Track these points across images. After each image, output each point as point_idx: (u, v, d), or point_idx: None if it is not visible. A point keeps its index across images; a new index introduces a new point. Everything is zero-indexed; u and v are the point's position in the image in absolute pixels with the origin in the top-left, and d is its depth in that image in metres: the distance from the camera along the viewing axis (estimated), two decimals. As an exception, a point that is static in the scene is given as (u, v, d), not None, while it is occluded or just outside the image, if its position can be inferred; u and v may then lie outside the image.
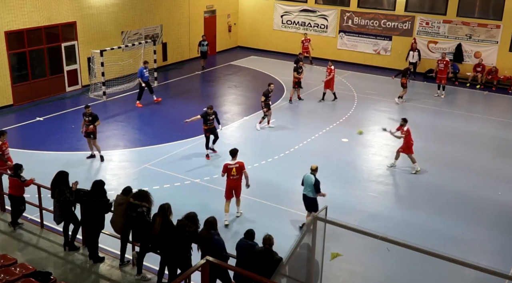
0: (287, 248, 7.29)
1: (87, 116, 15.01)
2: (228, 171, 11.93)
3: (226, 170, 11.95)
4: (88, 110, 15.04)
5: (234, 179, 11.99)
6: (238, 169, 11.92)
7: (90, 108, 15.15)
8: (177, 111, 20.81)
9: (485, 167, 15.81)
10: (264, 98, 17.90)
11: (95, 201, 9.20)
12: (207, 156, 15.72)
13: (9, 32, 19.16)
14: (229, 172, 11.93)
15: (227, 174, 11.99)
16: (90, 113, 15.03)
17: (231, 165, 11.93)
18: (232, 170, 11.90)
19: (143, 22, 24.60)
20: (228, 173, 11.96)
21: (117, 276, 9.26)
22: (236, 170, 11.90)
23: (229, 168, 11.91)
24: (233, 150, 12.15)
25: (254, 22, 30.37)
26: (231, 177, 11.97)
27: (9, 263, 8.31)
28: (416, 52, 25.29)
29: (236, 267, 7.90)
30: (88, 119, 14.97)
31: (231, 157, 12.08)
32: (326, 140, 17.49)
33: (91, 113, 15.04)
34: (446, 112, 20.71)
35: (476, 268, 6.26)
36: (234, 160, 12.02)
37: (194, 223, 8.34)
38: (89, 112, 15.04)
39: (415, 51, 25.28)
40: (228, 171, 11.94)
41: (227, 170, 11.94)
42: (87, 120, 14.99)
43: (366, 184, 14.66)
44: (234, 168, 11.90)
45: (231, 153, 12.11)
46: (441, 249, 7.11)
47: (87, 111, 15.04)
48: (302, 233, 7.34)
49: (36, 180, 10.71)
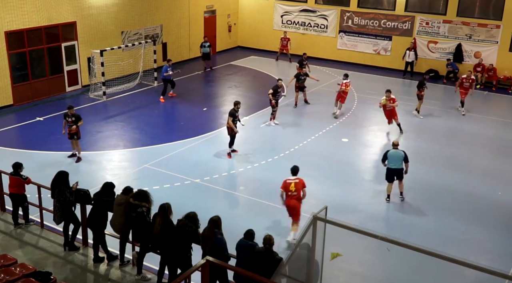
0: (286, 248, 7.29)
1: (69, 117, 14.84)
2: (287, 186, 11.39)
3: (284, 185, 11.43)
4: (71, 111, 14.87)
5: (292, 196, 11.36)
6: (297, 184, 11.35)
7: (73, 109, 15.00)
8: (177, 111, 20.84)
9: (485, 167, 15.82)
10: (272, 91, 17.97)
11: (105, 201, 9.26)
12: (228, 155, 15.86)
13: (9, 32, 19.16)
14: (288, 187, 11.37)
15: (285, 190, 11.43)
16: (73, 114, 14.88)
17: (291, 180, 11.44)
18: (291, 185, 11.35)
19: (143, 22, 24.60)
20: (286, 188, 11.40)
21: (117, 276, 9.27)
22: (295, 185, 11.34)
23: (288, 182, 11.41)
24: (294, 167, 11.63)
25: (254, 22, 30.38)
26: (289, 193, 11.38)
27: (9, 263, 8.31)
28: (413, 52, 25.33)
29: (236, 267, 7.90)
30: (71, 119, 14.81)
31: (292, 174, 11.56)
32: (326, 140, 17.49)
33: (73, 113, 14.89)
34: (446, 112, 20.71)
35: (476, 268, 6.26)
36: (294, 176, 11.52)
37: (194, 223, 8.33)
38: (72, 113, 14.88)
39: (411, 50, 25.33)
40: (286, 186, 11.39)
41: (285, 184, 11.42)
42: (70, 121, 14.83)
43: (366, 184, 14.66)
44: (294, 182, 11.37)
45: (292, 170, 11.59)
46: (441, 249, 7.11)
47: (69, 112, 14.86)
48: (302, 233, 7.34)
49: (36, 180, 10.72)
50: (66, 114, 15.00)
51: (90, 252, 9.79)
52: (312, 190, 14.10)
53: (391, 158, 13.17)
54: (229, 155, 15.86)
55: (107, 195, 9.34)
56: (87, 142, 16.43)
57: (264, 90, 18.54)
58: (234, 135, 15.76)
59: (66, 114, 15.00)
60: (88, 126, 17.49)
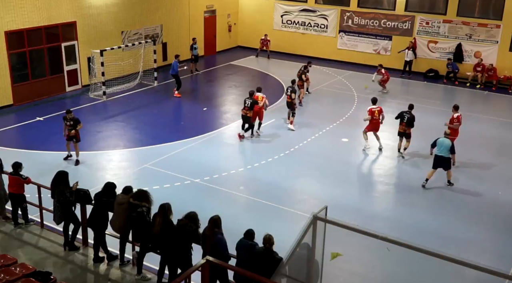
0: (287, 248, 7.29)
1: (68, 121, 14.64)
2: (372, 113, 16.17)
3: (371, 112, 16.20)
4: (69, 115, 14.65)
5: (375, 119, 16.18)
6: (379, 111, 16.30)
7: (72, 114, 14.78)
8: (177, 111, 20.84)
9: (485, 166, 15.81)
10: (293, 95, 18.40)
11: (105, 201, 9.26)
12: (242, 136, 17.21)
13: (9, 32, 19.16)
14: (373, 114, 16.17)
15: (371, 116, 16.16)
16: (72, 117, 14.66)
17: (374, 108, 16.27)
18: (375, 113, 16.16)
19: (143, 22, 24.60)
20: (372, 115, 16.16)
21: (117, 276, 9.27)
22: (378, 112, 16.23)
23: (373, 110, 16.21)
24: (374, 98, 16.82)
25: (254, 22, 30.37)
26: (374, 118, 16.17)
27: (9, 263, 8.30)
28: (411, 51, 25.37)
29: (236, 267, 7.89)
30: (69, 123, 14.64)
31: (373, 103, 16.53)
32: (326, 140, 17.49)
33: (72, 117, 14.67)
34: (446, 112, 20.65)
35: (476, 268, 6.26)
36: (375, 105, 16.47)
37: (195, 223, 8.33)
38: (71, 117, 14.65)
39: (409, 49, 25.36)
40: (372, 114, 16.18)
41: (371, 112, 16.19)
42: (68, 125, 14.65)
43: (366, 184, 14.65)
44: (376, 110, 16.22)
45: (373, 100, 16.71)
46: (441, 249, 7.09)
47: (68, 116, 14.64)
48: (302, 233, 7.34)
49: (35, 180, 10.71)
50: (65, 118, 14.82)
51: (90, 252, 9.79)
52: (312, 190, 14.14)
53: (439, 144, 13.99)
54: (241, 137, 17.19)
55: (108, 195, 9.34)
56: (87, 142, 16.42)
57: (264, 91, 18.51)
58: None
59: (65, 118, 14.82)
60: (88, 126, 17.48)
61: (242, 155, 16.47)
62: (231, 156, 16.41)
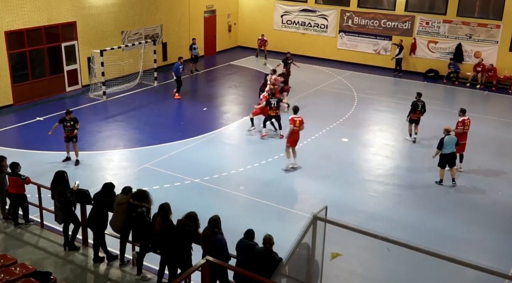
0: (287, 248, 7.29)
1: (68, 122, 14.51)
2: (294, 122, 14.97)
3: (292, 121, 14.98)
4: (69, 116, 14.52)
5: (296, 130, 15.06)
6: (300, 121, 15.09)
7: (72, 114, 14.66)
8: (177, 111, 20.85)
9: (485, 166, 15.82)
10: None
11: (104, 201, 9.27)
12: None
13: (9, 32, 19.16)
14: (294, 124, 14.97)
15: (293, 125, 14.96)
16: (71, 118, 14.55)
17: (296, 118, 15.11)
18: (296, 122, 14.98)
19: (143, 22, 24.60)
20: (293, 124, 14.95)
21: (117, 276, 9.26)
22: (299, 122, 15.07)
23: (295, 120, 15.02)
24: (296, 107, 15.66)
25: (254, 22, 30.38)
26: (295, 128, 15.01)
27: (9, 263, 8.30)
28: (398, 48, 25.66)
29: (236, 267, 7.89)
30: (69, 124, 14.53)
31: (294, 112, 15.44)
32: (326, 140, 17.49)
33: (72, 118, 14.57)
34: (446, 112, 20.69)
35: (476, 268, 6.26)
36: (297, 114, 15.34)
37: (195, 223, 8.32)
38: (71, 117, 14.53)
39: (398, 47, 25.62)
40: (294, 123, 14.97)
41: (293, 121, 14.97)
42: (68, 126, 14.54)
43: (366, 184, 14.65)
44: (298, 120, 15.02)
45: (294, 109, 15.58)
46: (441, 249, 7.09)
47: (68, 117, 14.50)
48: (302, 233, 7.34)
49: (36, 180, 10.71)
50: (64, 119, 14.62)
51: (90, 252, 9.79)
52: (312, 190, 14.15)
53: (447, 143, 14.14)
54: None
55: (107, 195, 9.34)
56: (87, 142, 16.43)
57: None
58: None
59: (64, 119, 14.62)
60: (88, 126, 17.50)
61: (242, 155, 16.46)
62: (231, 156, 16.42)
